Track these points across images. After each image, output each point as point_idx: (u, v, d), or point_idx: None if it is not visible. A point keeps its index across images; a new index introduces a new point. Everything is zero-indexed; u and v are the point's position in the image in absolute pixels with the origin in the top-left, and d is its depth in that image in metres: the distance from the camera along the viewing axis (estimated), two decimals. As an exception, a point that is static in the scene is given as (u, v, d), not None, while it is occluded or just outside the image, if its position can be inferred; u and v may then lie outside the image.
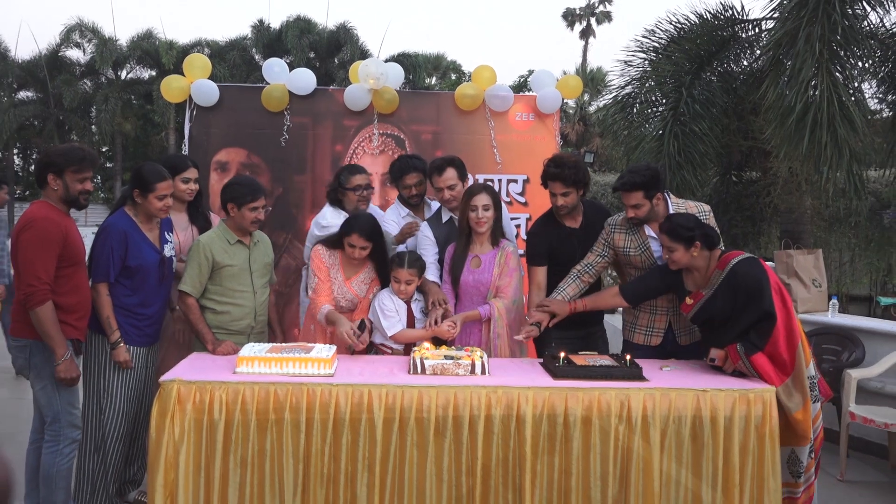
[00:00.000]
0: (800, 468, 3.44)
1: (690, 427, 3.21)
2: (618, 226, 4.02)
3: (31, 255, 3.33)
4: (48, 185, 3.45)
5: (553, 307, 3.92)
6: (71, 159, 3.44)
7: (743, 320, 3.45)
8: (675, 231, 3.55)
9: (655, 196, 3.83)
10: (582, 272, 4.02)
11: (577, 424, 3.18)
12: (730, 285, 3.49)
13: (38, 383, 3.50)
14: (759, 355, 3.38)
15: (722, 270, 3.53)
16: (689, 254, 3.55)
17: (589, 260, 4.04)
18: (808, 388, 3.37)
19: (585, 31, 39.99)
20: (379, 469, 3.13)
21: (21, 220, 3.43)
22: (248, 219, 3.85)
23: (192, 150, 5.44)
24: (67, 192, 3.46)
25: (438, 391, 3.18)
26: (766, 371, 3.36)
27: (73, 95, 28.32)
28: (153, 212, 3.70)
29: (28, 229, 3.35)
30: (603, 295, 4.05)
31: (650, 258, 3.92)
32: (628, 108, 8.28)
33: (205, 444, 3.11)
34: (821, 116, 6.09)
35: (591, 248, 4.07)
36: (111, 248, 3.58)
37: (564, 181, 3.98)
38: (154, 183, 3.64)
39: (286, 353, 3.30)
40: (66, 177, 3.44)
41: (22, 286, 3.34)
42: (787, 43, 6.53)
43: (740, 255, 3.56)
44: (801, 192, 8.06)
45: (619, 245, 3.98)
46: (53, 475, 3.49)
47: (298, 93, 5.54)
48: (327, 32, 30.63)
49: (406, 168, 4.43)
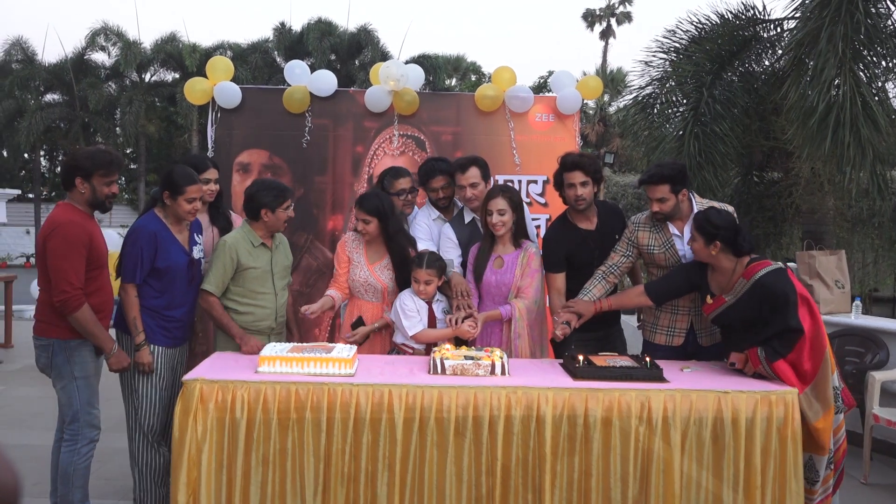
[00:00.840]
0: (815, 476, 3.39)
1: (711, 428, 3.18)
2: (641, 224, 3.99)
3: (60, 261, 3.37)
4: (75, 188, 3.48)
5: (578, 307, 3.90)
6: (99, 163, 3.48)
7: (765, 331, 3.41)
8: (701, 224, 3.52)
9: (681, 191, 3.81)
10: (607, 273, 4.00)
11: (597, 425, 3.16)
12: (754, 296, 3.44)
13: (59, 382, 3.55)
14: (780, 362, 3.35)
15: (747, 280, 3.48)
16: (708, 251, 3.51)
17: (613, 260, 4.01)
18: (830, 398, 3.34)
19: (605, 32, 39.81)
20: (399, 469, 3.14)
21: (46, 224, 3.46)
22: (282, 219, 3.93)
23: (215, 152, 5.48)
24: (94, 196, 3.50)
25: (458, 391, 3.18)
26: (788, 377, 3.33)
27: (98, 98, 28.63)
28: (182, 214, 3.73)
29: (54, 235, 3.39)
30: (627, 294, 4.02)
31: (674, 256, 3.89)
32: (648, 108, 8.23)
33: (227, 443, 3.13)
34: (843, 116, 6.02)
35: (615, 248, 4.04)
36: (140, 249, 3.60)
37: (585, 169, 3.97)
38: (184, 186, 3.67)
39: (307, 352, 3.32)
40: (93, 180, 3.48)
41: (56, 293, 3.38)
42: (810, 42, 6.46)
43: (768, 267, 3.48)
44: (824, 193, 7.98)
45: (643, 243, 3.96)
46: (71, 474, 3.52)
47: (319, 94, 5.56)
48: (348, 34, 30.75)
49: (432, 172, 4.43)
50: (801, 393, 3.30)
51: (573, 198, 4.05)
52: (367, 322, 4.10)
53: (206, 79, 5.57)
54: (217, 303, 3.87)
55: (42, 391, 6.16)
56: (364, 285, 4.12)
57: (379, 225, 4.05)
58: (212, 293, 3.84)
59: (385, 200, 4.11)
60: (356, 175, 5.62)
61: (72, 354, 3.48)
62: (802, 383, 3.33)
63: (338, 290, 4.17)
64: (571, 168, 4.00)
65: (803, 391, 3.32)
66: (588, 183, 4.01)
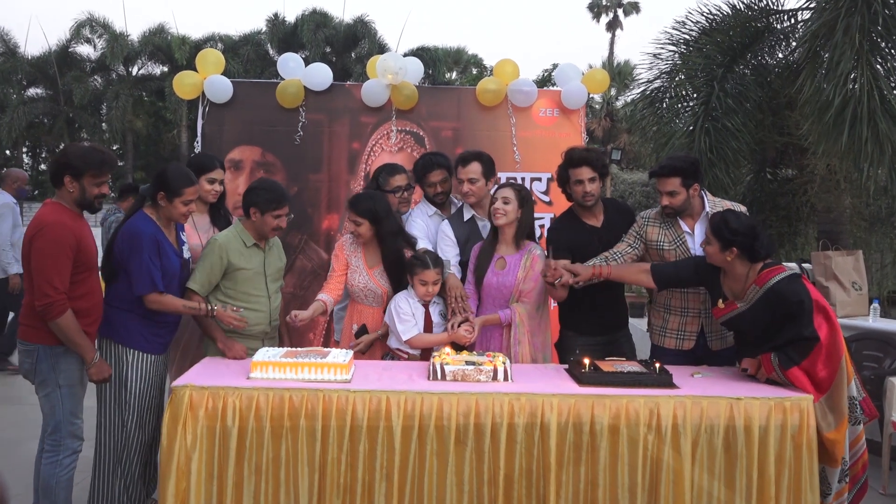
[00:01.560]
0: (827, 489, 3.39)
1: (723, 437, 3.18)
2: (651, 219, 4.00)
3: (44, 263, 3.34)
4: (63, 187, 3.46)
5: (575, 268, 3.86)
6: (91, 162, 3.46)
7: (778, 339, 3.40)
8: (718, 228, 3.50)
9: (693, 186, 3.81)
10: (609, 258, 3.96)
11: (603, 433, 3.16)
12: (767, 304, 3.43)
13: (42, 390, 3.53)
14: (795, 369, 3.35)
15: (760, 287, 3.46)
16: (723, 256, 3.51)
17: (619, 248, 4.00)
18: (845, 408, 3.35)
19: (612, 23, 39.88)
20: (397, 479, 3.14)
21: (33, 224, 3.44)
22: (270, 225, 3.88)
23: (204, 148, 5.47)
24: (83, 196, 3.49)
25: (459, 398, 3.17)
26: (803, 384, 3.34)
27: (83, 92, 28.71)
28: (176, 217, 3.72)
29: (40, 236, 3.36)
30: (630, 268, 3.95)
31: (685, 254, 3.89)
32: (657, 102, 8.22)
33: (218, 452, 3.13)
34: (861, 111, 6.01)
35: (622, 238, 4.04)
36: (149, 258, 3.57)
37: (593, 165, 3.98)
38: (182, 188, 3.65)
39: (301, 358, 3.32)
40: (83, 180, 3.46)
41: (38, 296, 3.35)
42: (825, 34, 6.45)
43: (782, 273, 3.46)
44: (840, 191, 7.96)
45: (653, 239, 3.96)
46: (53, 486, 3.50)
47: (314, 88, 5.56)
48: (344, 26, 30.82)
49: (429, 165, 4.44)
50: (815, 402, 3.29)
51: (581, 194, 4.05)
52: (370, 329, 4.10)
53: (196, 72, 5.57)
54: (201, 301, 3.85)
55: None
56: (364, 290, 4.13)
57: (372, 227, 4.05)
58: (196, 292, 3.82)
59: (379, 201, 4.10)
60: (352, 172, 5.61)
61: (57, 361, 3.46)
62: (818, 392, 3.33)
63: (330, 293, 4.16)
64: (579, 163, 4.00)
65: (818, 400, 3.32)
66: (596, 179, 4.02)
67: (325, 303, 4.11)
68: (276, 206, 3.85)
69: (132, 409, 3.67)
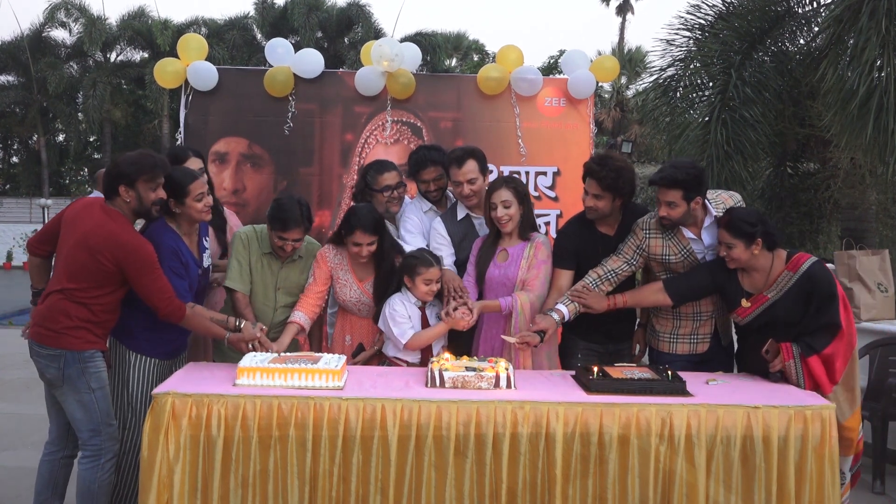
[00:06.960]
0: (843, 478, 3.53)
1: (740, 448, 3.19)
2: (652, 230, 3.90)
3: (152, 280, 3.49)
4: (119, 197, 3.53)
5: (589, 300, 3.83)
6: (143, 167, 3.52)
7: (810, 326, 3.54)
8: (735, 226, 3.54)
9: (694, 199, 3.75)
10: (603, 279, 3.90)
11: (613, 444, 3.17)
12: (803, 289, 3.55)
13: (73, 395, 3.55)
14: (814, 357, 3.49)
15: (793, 272, 3.57)
16: (750, 251, 3.55)
17: (613, 265, 3.92)
18: (858, 395, 3.58)
19: (623, 7, 39.79)
20: (393, 492, 3.14)
21: (111, 240, 3.47)
22: (274, 245, 3.94)
23: (187, 140, 5.48)
24: (141, 204, 3.55)
25: (459, 406, 3.18)
26: (818, 374, 3.49)
27: (58, 80, 28.64)
28: (195, 216, 3.77)
29: (134, 258, 3.46)
30: (644, 291, 3.98)
31: (694, 263, 3.86)
32: (671, 91, 8.24)
33: (202, 463, 3.13)
34: (887, 101, 6.02)
35: (618, 250, 3.96)
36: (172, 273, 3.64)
37: (600, 182, 3.87)
38: (188, 185, 3.70)
39: (291, 363, 3.32)
40: (138, 186, 3.52)
41: (161, 308, 3.52)
42: (849, 19, 6.46)
43: (812, 258, 3.61)
44: (865, 186, 7.98)
45: (657, 252, 3.89)
46: (95, 491, 3.56)
47: (305, 76, 5.57)
48: (337, 9, 30.82)
49: (423, 162, 4.40)
50: (828, 392, 3.47)
51: (584, 206, 4.03)
52: (366, 345, 4.11)
53: (178, 59, 5.57)
54: (243, 299, 3.98)
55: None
56: (357, 304, 4.09)
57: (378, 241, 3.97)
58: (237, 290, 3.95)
59: (377, 212, 4.03)
60: (345, 166, 5.63)
61: (86, 365, 3.52)
62: (831, 382, 3.51)
63: (306, 311, 4.01)
64: (588, 175, 3.94)
65: (831, 390, 3.50)
66: (602, 197, 3.91)
67: (300, 323, 3.97)
68: (282, 228, 3.86)
69: (133, 411, 3.72)
